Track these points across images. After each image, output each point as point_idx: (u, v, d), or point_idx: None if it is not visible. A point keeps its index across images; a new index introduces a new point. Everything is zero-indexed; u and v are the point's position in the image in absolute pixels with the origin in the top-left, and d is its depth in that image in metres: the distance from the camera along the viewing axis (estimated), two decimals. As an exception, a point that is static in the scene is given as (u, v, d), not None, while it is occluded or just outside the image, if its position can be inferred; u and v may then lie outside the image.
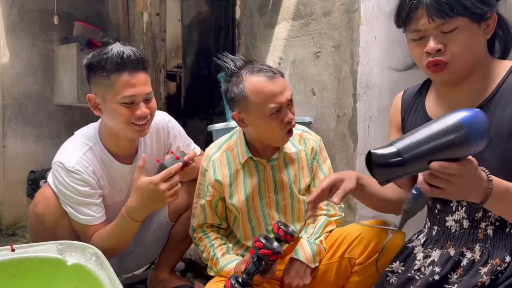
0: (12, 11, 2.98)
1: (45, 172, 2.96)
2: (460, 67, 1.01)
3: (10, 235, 2.93)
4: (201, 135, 4.09)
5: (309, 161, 1.44)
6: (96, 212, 1.47)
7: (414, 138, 0.83)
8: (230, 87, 1.33)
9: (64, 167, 1.43)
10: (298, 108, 2.05)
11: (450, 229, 1.09)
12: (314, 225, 1.39)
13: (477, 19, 0.98)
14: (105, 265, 1.21)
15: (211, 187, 1.43)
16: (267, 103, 1.27)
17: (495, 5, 1.01)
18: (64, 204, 1.47)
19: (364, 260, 1.28)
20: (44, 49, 3.11)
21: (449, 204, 1.09)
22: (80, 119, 3.22)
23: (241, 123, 1.35)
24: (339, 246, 1.34)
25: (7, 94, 2.98)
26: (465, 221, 1.06)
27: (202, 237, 1.45)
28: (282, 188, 1.41)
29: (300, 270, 1.32)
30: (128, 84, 1.38)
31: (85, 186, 1.44)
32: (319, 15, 1.96)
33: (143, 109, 1.40)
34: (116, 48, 1.39)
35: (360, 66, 1.84)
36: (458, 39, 0.98)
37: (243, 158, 1.39)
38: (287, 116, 1.29)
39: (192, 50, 4.59)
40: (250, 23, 2.27)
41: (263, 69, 1.31)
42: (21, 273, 1.17)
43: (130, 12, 3.19)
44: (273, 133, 1.32)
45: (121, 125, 1.43)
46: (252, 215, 1.41)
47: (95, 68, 1.41)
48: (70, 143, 1.52)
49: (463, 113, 0.81)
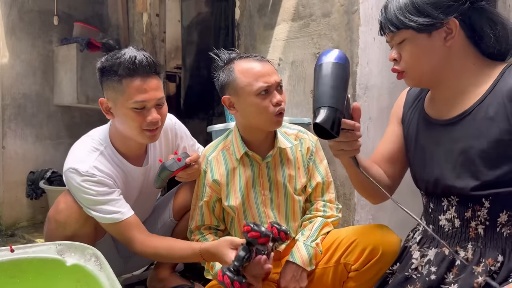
0: (12, 12, 2.98)
1: (45, 173, 2.96)
2: (417, 74, 1.09)
3: (9, 236, 2.93)
4: (200, 135, 4.08)
5: (305, 162, 1.45)
6: (121, 207, 1.43)
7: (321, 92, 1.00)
8: (220, 73, 1.38)
9: (78, 172, 1.41)
10: (297, 109, 2.05)
11: (443, 228, 1.10)
12: (311, 227, 1.39)
13: (422, 30, 1.03)
14: (104, 265, 1.21)
15: (209, 188, 1.44)
16: (255, 82, 1.30)
17: (439, 15, 1.01)
18: (87, 210, 1.44)
19: (360, 266, 1.27)
20: (43, 50, 3.11)
21: (440, 204, 1.10)
22: (80, 119, 3.22)
23: (231, 108, 1.37)
24: (335, 250, 1.33)
25: (7, 95, 2.98)
26: (456, 220, 1.07)
27: (200, 239, 1.45)
28: (277, 186, 1.41)
29: (296, 273, 1.32)
30: (139, 89, 1.38)
31: (102, 186, 1.42)
32: (318, 16, 1.96)
33: (154, 114, 1.40)
34: (129, 53, 1.39)
35: (360, 67, 1.84)
36: (406, 49, 1.08)
37: (239, 153, 1.40)
38: (275, 98, 1.31)
39: (192, 51, 4.59)
40: (250, 24, 2.27)
41: (252, 55, 1.37)
42: (20, 274, 1.17)
43: (130, 12, 3.19)
44: (262, 114, 1.32)
45: (131, 130, 1.43)
46: (248, 213, 1.42)
47: (107, 72, 1.41)
48: (79, 149, 1.50)
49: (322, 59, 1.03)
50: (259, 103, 1.31)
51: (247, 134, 1.41)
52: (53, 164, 3.03)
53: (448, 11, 1.02)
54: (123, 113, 1.41)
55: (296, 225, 1.44)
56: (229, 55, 1.38)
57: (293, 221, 1.43)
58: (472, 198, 1.03)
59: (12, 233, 2.96)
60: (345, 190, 1.88)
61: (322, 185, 1.45)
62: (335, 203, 1.47)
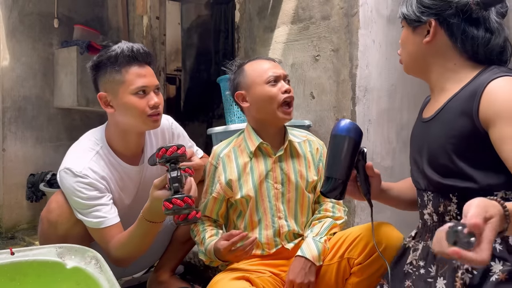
0: (12, 15, 2.99)
1: (45, 175, 2.96)
2: (404, 61, 1.18)
3: (9, 238, 2.93)
4: (200, 138, 4.09)
5: (315, 161, 1.49)
6: (107, 213, 1.44)
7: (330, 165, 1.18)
8: (233, 77, 1.50)
9: (71, 172, 1.43)
10: (297, 112, 2.05)
11: (426, 222, 1.14)
12: (320, 225, 1.41)
13: (408, 23, 1.13)
14: (104, 268, 1.21)
15: (219, 186, 1.46)
16: (264, 73, 1.42)
17: (417, 13, 1.09)
18: (75, 211, 1.46)
19: (363, 259, 1.29)
20: (44, 53, 3.12)
21: (423, 198, 1.14)
22: (80, 122, 3.22)
23: (244, 102, 1.45)
24: (340, 247, 1.35)
25: (7, 97, 2.98)
26: (434, 215, 1.11)
27: (198, 224, 1.50)
28: (289, 181, 1.44)
29: (305, 267, 1.33)
30: (139, 74, 1.44)
31: (93, 190, 1.43)
32: (318, 19, 1.96)
33: (155, 98, 1.46)
34: (125, 44, 1.47)
35: (359, 69, 1.85)
36: (401, 36, 1.18)
37: (253, 146, 1.44)
38: (284, 86, 1.42)
39: (192, 54, 4.60)
40: (250, 27, 2.28)
41: (260, 57, 1.54)
42: (20, 277, 1.17)
43: (130, 15, 3.20)
44: (273, 101, 1.40)
45: (135, 118, 1.45)
46: (260, 206, 1.44)
47: (104, 65, 1.45)
48: (75, 149, 1.51)
49: None
50: (270, 90, 1.40)
51: (260, 128, 1.47)
52: (53, 166, 3.02)
53: (429, 12, 1.08)
54: (125, 102, 1.43)
55: (304, 221, 1.47)
56: (241, 61, 1.52)
57: (301, 217, 1.46)
58: (442, 193, 1.06)
59: (12, 235, 2.96)
60: (345, 193, 1.88)
61: None
62: (342, 205, 1.50)
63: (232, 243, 1.29)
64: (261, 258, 1.43)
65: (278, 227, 1.42)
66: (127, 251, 1.42)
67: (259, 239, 1.42)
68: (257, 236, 1.41)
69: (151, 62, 1.50)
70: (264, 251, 1.43)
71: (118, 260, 1.44)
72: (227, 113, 2.10)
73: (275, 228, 1.42)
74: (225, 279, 1.30)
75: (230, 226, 1.53)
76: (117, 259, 1.43)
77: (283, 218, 1.43)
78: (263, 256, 1.43)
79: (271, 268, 1.41)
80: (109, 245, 1.43)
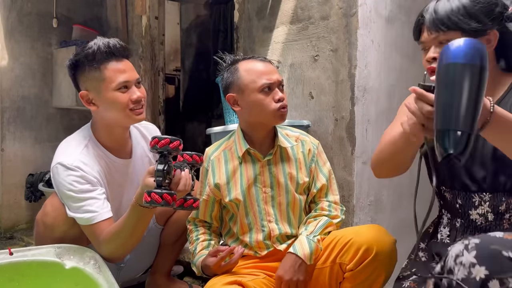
0: (11, 15, 2.98)
1: (44, 175, 2.96)
2: None
3: (8, 238, 2.92)
4: (199, 138, 4.09)
5: (307, 162, 1.47)
6: (99, 208, 1.42)
7: None
8: (225, 73, 1.45)
9: (62, 166, 1.42)
10: (296, 112, 2.05)
11: (475, 221, 1.15)
12: (315, 223, 1.40)
13: (469, 34, 1.07)
14: (103, 268, 1.22)
15: (209, 189, 1.47)
16: (258, 79, 1.37)
17: (488, 23, 1.08)
18: (67, 210, 1.44)
19: (354, 266, 1.27)
20: (42, 52, 3.11)
21: (471, 200, 1.15)
22: (79, 122, 3.21)
23: (235, 105, 1.43)
24: (332, 250, 1.33)
25: (6, 97, 2.97)
26: (489, 215, 1.13)
27: (193, 229, 1.52)
28: (278, 184, 1.43)
29: (295, 264, 1.31)
30: (118, 70, 1.45)
31: (85, 183, 1.42)
32: (317, 19, 1.96)
33: (137, 92, 1.47)
34: (100, 40, 1.47)
35: (358, 69, 1.85)
36: None
37: (241, 151, 1.44)
38: (278, 94, 1.38)
39: (191, 54, 4.60)
40: (249, 27, 2.28)
41: (255, 56, 1.47)
42: (19, 277, 1.17)
43: (129, 15, 3.19)
44: (265, 109, 1.38)
45: (119, 113, 1.46)
46: (249, 210, 1.43)
47: (82, 64, 1.46)
48: (64, 146, 1.52)
49: None
50: (262, 99, 1.37)
51: (250, 132, 1.45)
52: (52, 166, 3.02)
53: (495, 22, 1.09)
54: (108, 98, 1.44)
55: (297, 223, 1.46)
56: (234, 57, 1.47)
57: (294, 219, 1.45)
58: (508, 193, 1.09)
59: (11, 235, 2.95)
60: (344, 193, 1.88)
61: (326, 187, 1.47)
62: (339, 204, 1.49)
63: (220, 258, 1.31)
64: (255, 261, 1.43)
65: (268, 231, 1.42)
66: (119, 242, 1.39)
67: (250, 242, 1.42)
68: (248, 240, 1.42)
69: (128, 55, 1.52)
70: (257, 253, 1.43)
71: (109, 253, 1.41)
72: (226, 113, 2.10)
73: (265, 232, 1.42)
74: (217, 284, 1.29)
75: (225, 227, 1.53)
76: (109, 252, 1.41)
77: (273, 221, 1.42)
78: (257, 258, 1.43)
79: (266, 270, 1.41)
80: (100, 239, 1.40)
